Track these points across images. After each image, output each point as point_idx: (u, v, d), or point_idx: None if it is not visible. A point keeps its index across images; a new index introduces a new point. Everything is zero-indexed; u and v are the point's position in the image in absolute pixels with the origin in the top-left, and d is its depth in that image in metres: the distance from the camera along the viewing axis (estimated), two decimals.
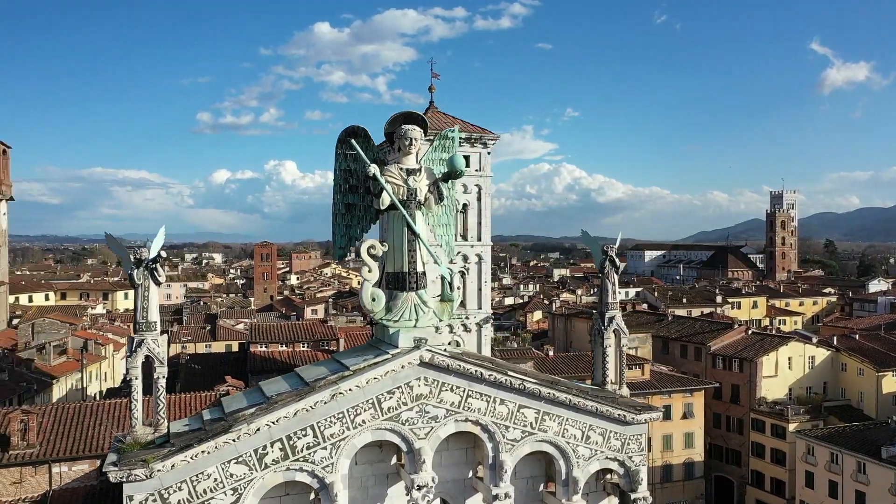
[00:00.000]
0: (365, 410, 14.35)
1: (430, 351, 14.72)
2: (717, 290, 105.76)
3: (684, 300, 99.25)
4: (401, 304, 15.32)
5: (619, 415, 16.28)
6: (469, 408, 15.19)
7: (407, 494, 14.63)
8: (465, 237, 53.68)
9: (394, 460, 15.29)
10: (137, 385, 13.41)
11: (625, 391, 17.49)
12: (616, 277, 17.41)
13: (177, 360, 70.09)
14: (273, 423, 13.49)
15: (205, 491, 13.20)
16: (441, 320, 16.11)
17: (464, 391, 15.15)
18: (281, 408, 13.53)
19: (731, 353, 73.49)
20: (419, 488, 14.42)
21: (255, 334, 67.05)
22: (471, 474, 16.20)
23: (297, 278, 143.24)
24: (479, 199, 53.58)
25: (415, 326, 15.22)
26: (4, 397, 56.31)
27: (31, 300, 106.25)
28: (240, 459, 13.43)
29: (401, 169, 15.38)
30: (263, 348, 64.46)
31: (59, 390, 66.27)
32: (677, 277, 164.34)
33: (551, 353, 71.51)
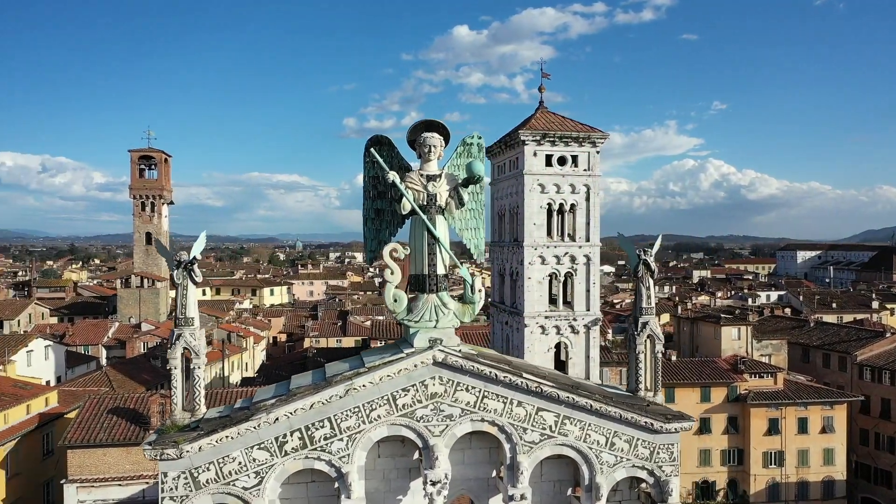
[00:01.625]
0: (380, 406, 15.10)
1: (443, 351, 15.21)
2: (874, 295, 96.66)
3: (834, 305, 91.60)
4: (421, 305, 15.92)
5: (645, 422, 15.93)
6: (485, 408, 15.52)
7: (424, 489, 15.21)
8: (572, 238, 53.20)
9: (416, 455, 15.91)
10: (177, 374, 15.00)
11: (659, 398, 17.03)
12: (651, 282, 17.00)
13: (305, 354, 74.60)
14: (291, 413, 14.58)
15: (230, 472, 14.53)
16: (461, 322, 16.52)
17: (479, 391, 15.49)
18: (298, 400, 14.60)
19: (882, 364, 67.22)
20: (433, 483, 14.97)
21: (375, 330, 69.99)
22: (494, 474, 16.50)
23: None
24: (587, 199, 52.86)
25: (435, 327, 15.75)
26: (156, 382, 62.79)
27: None
28: (262, 446, 14.64)
29: (421, 175, 15.98)
30: (382, 344, 67.13)
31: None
32: (826, 280, 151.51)
33: (674, 358, 68.91)
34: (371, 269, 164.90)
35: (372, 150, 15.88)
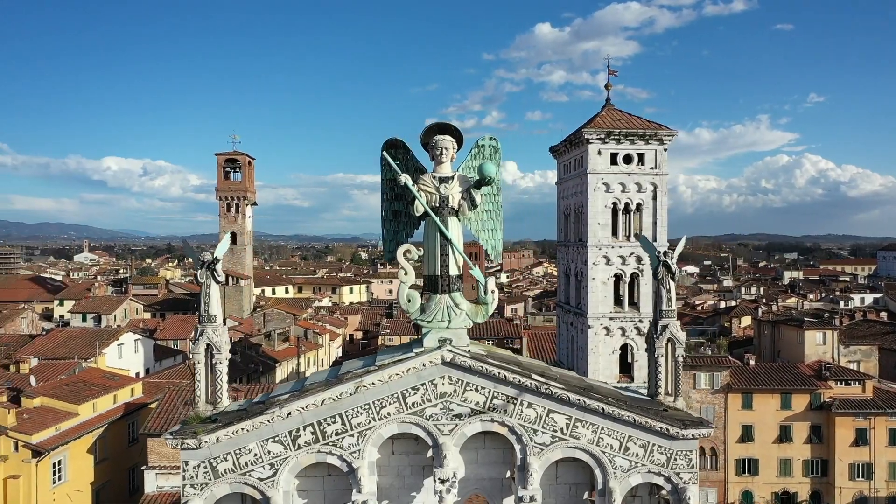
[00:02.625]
0: (390, 404, 15.45)
1: (451, 351, 15.40)
2: None
3: None
4: (434, 305, 16.15)
5: (660, 427, 15.60)
6: (494, 409, 15.60)
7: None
8: (638, 238, 52.16)
9: (429, 453, 16.15)
10: (200, 368, 15.83)
11: (680, 403, 16.61)
12: (672, 284, 16.60)
13: (376, 351, 75.96)
14: (303, 408, 15.13)
15: (246, 463, 15.22)
16: (474, 322, 16.66)
17: (489, 392, 15.59)
18: (310, 396, 15.14)
19: None
20: (442, 482, 15.20)
21: None
22: (508, 474, 16.54)
23: (507, 276, 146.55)
24: (653, 198, 51.78)
25: (447, 327, 15.96)
26: (235, 377, 65.59)
27: (273, 292, 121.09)
28: (276, 439, 15.27)
29: (433, 177, 16.21)
30: None
31: (280, 373, 75.29)
32: None
33: (752, 363, 66.32)
34: None
35: (384, 153, 16.24)
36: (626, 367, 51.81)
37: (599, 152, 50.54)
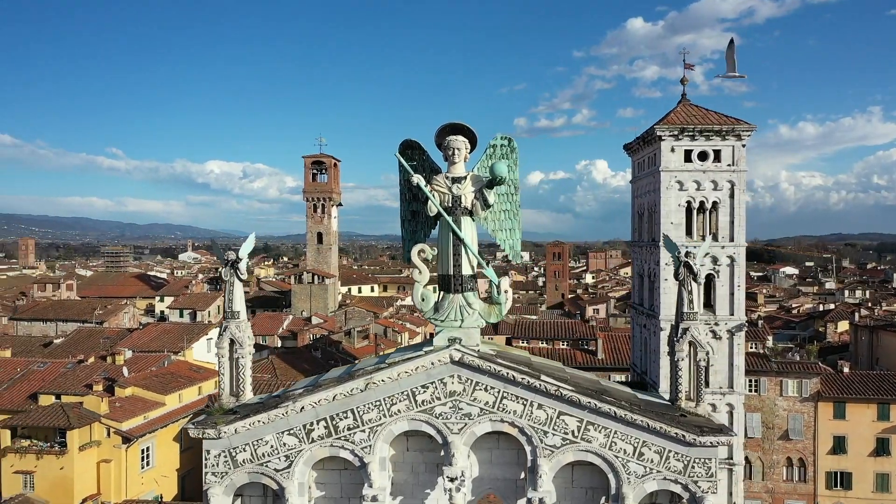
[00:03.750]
0: (400, 401, 15.67)
1: (459, 350, 15.46)
2: None
3: None
4: (447, 304, 16.25)
5: (676, 433, 15.09)
6: (504, 409, 15.55)
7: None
8: (714, 237, 50.45)
9: (443, 451, 16.26)
10: (224, 362, 16.59)
11: (702, 409, 16.00)
12: (694, 285, 16.01)
13: None
14: (315, 403, 15.59)
15: (263, 454, 15.84)
16: (487, 322, 16.64)
17: (498, 392, 15.55)
18: (322, 391, 15.59)
19: None
20: (451, 480, 15.29)
21: (517, 330, 70.31)
22: (522, 475, 16.42)
23: (593, 277, 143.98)
24: (731, 196, 49.94)
25: (460, 327, 16.03)
26: (313, 372, 67.70)
27: (359, 290, 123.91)
28: (291, 432, 15.80)
29: (447, 177, 16.30)
30: (525, 344, 67.39)
31: None
32: None
33: (846, 370, 62.55)
34: (536, 268, 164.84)
35: (397, 154, 16.47)
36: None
37: (672, 149, 49.00)
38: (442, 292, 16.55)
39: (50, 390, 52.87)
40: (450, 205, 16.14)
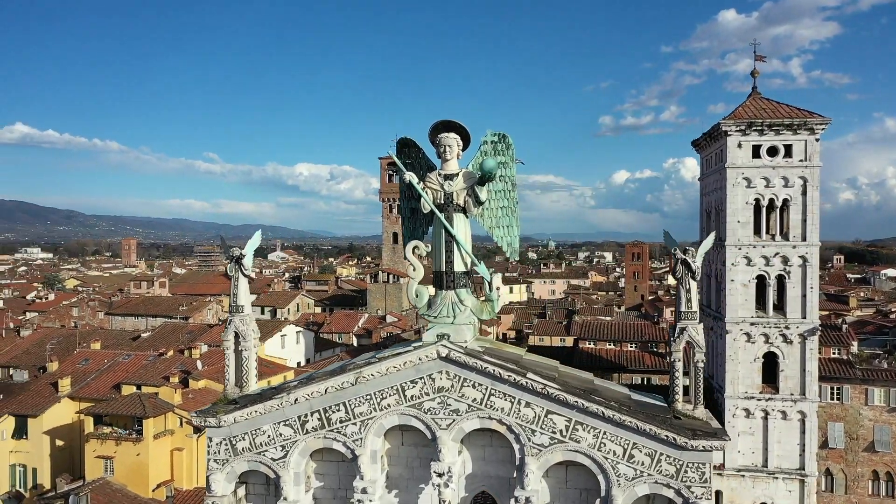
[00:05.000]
0: (390, 396, 15.87)
1: (446, 347, 15.49)
2: None
3: None
4: (440, 301, 16.34)
5: (666, 436, 14.58)
6: (492, 406, 15.48)
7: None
8: (785, 237, 48.51)
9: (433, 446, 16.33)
10: (229, 354, 17.28)
11: (699, 412, 15.38)
12: (692, 284, 15.43)
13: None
14: (308, 395, 16.00)
15: (261, 444, 16.40)
16: (479, 319, 16.60)
17: (486, 389, 15.49)
18: (315, 384, 15.99)
19: None
20: (439, 475, 15.36)
21: (585, 331, 69.18)
22: (515, 474, 16.26)
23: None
24: (803, 194, 47.88)
25: (452, 323, 16.09)
26: None
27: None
28: (287, 422, 16.28)
29: (439, 174, 16.38)
30: (591, 345, 66.24)
31: None
32: None
33: None
34: (619, 269, 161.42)
35: (390, 152, 16.68)
36: (771, 378, 47.86)
37: (739, 145, 47.13)
38: (436, 289, 16.66)
39: (131, 381, 56.10)
40: (442, 202, 16.23)
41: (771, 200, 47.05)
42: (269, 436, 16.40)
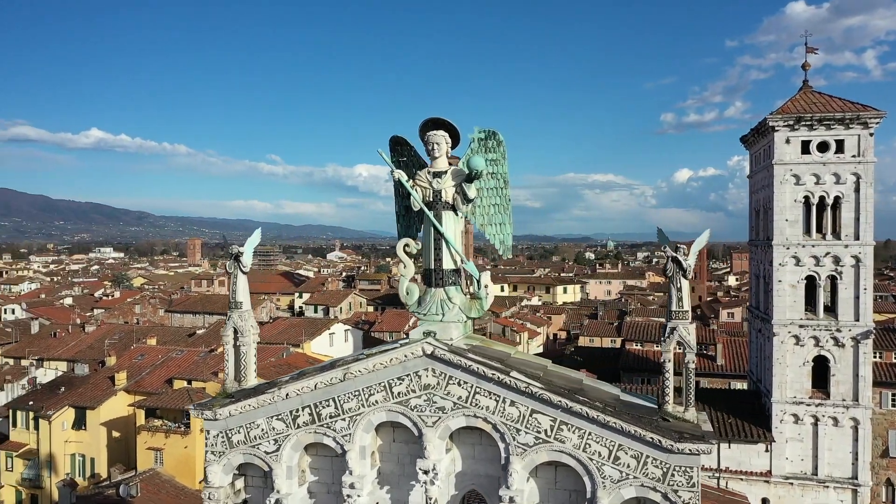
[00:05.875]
0: (378, 392, 15.97)
1: (430, 344, 15.48)
2: None
3: None
4: (429, 298, 16.35)
5: (651, 438, 14.19)
6: (477, 404, 15.39)
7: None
8: (837, 236, 46.89)
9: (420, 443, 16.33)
10: (229, 349, 17.68)
11: (690, 414, 14.90)
12: (684, 283, 14.97)
13: (563, 352, 75.22)
14: (298, 391, 16.25)
15: (255, 437, 16.73)
16: (468, 317, 16.51)
17: (471, 387, 15.41)
18: (305, 379, 16.22)
19: None
20: (424, 472, 15.38)
21: (633, 332, 67.93)
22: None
23: (737, 279, 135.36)
24: (856, 191, 46.23)
25: (441, 321, 16.08)
26: None
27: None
28: (279, 417, 16.57)
29: (429, 172, 16.38)
30: (638, 346, 64.98)
31: None
32: None
33: None
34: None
35: (379, 150, 16.76)
36: (822, 383, 46.09)
37: (787, 140, 45.57)
38: (426, 286, 16.69)
39: (182, 376, 57.97)
40: (431, 199, 16.25)
41: (821, 198, 45.32)
42: (262, 429, 16.73)
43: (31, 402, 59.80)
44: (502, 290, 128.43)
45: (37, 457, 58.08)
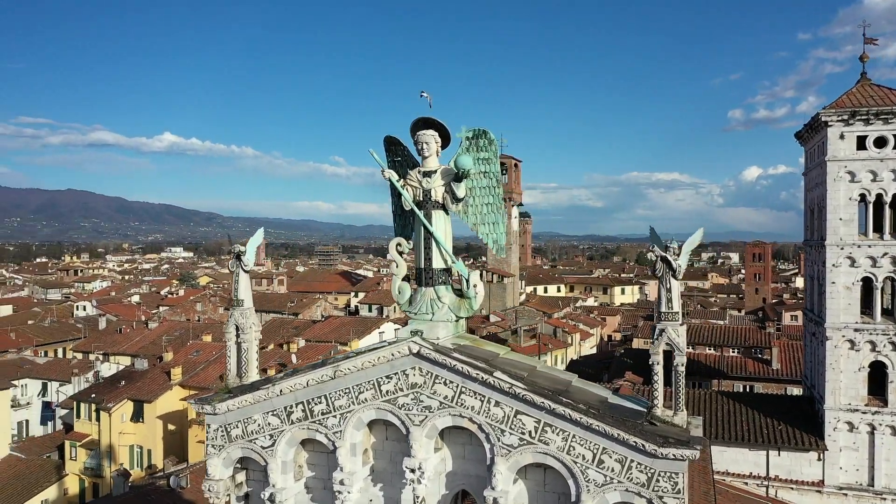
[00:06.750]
0: (367, 390, 16.08)
1: (416, 343, 15.48)
2: None
3: None
4: (420, 298, 16.38)
5: (634, 442, 13.81)
6: (462, 404, 15.31)
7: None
8: (881, 234, 44.88)
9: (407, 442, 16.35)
10: (231, 346, 18.11)
11: (679, 418, 14.43)
12: (673, 283, 14.52)
13: (611, 355, 73.82)
14: (291, 387, 16.51)
15: (252, 432, 17.09)
16: (458, 316, 16.44)
17: (457, 386, 15.34)
18: (297, 377, 16.48)
19: None
20: (411, 471, 15.41)
21: (686, 334, 66.06)
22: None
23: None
24: None
25: (430, 320, 16.10)
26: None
27: (545, 290, 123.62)
28: (274, 413, 16.88)
29: (419, 172, 16.40)
30: (690, 349, 63.29)
31: None
32: None
33: None
34: (742, 271, 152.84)
35: (370, 150, 16.87)
36: (879, 390, 43.95)
37: (842, 136, 43.65)
38: (417, 285, 16.73)
39: None
40: (421, 199, 16.28)
41: (878, 196, 43.23)
42: (259, 424, 17.09)
43: (93, 395, 62.65)
44: (558, 290, 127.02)
45: (98, 447, 60.78)
